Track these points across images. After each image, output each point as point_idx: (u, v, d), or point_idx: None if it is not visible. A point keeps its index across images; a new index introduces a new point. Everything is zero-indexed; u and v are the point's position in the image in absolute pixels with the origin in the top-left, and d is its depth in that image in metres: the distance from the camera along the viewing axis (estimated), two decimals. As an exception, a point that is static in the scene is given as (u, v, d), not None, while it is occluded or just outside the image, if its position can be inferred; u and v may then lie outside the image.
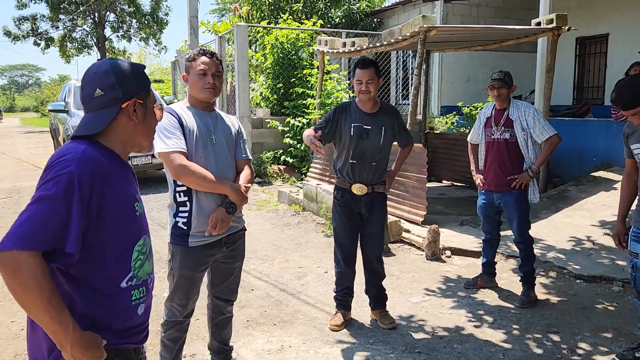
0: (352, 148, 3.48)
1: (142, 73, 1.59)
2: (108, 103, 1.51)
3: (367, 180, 3.52)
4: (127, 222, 1.51)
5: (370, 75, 3.40)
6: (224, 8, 27.53)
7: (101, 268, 1.46)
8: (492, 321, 3.78)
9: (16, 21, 31.25)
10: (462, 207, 7.08)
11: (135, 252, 1.54)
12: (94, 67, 1.55)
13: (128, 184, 1.56)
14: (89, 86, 1.52)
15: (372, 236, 3.66)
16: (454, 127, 10.35)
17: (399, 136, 3.64)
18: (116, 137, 1.55)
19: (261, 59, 10.87)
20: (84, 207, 1.37)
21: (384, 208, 3.72)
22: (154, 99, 1.63)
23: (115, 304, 1.49)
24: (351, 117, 3.50)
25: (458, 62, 11.70)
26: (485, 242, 4.42)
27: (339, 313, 3.73)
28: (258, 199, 8.16)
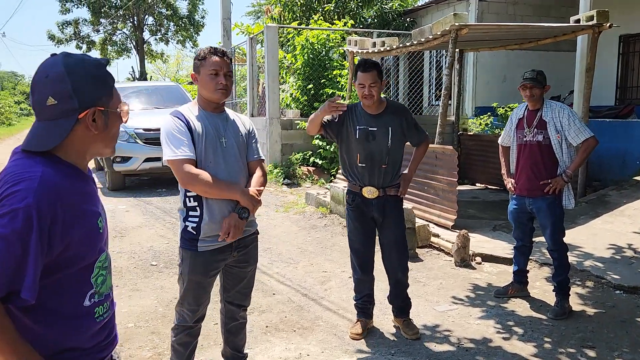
0: (359, 151, 3.36)
1: (103, 75, 1.38)
2: (62, 114, 1.30)
3: (378, 183, 3.39)
4: (91, 242, 1.37)
5: (373, 79, 3.25)
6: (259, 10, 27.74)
7: (62, 291, 1.34)
8: (522, 333, 3.59)
9: (60, 25, 32.29)
10: (496, 212, 6.84)
11: (96, 269, 1.41)
12: (46, 69, 1.32)
13: (90, 200, 1.41)
14: (42, 92, 1.31)
15: (390, 243, 3.50)
16: (488, 128, 10.07)
17: (410, 135, 3.47)
18: (74, 149, 1.36)
19: (291, 59, 10.83)
20: (43, 245, 1.23)
21: (399, 212, 3.54)
22: (118, 101, 1.43)
23: (81, 324, 1.39)
24: (357, 119, 3.38)
25: (494, 62, 11.38)
26: (517, 249, 4.21)
27: (360, 321, 3.60)
28: (286, 201, 8.10)
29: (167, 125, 2.48)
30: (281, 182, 9.38)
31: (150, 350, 3.39)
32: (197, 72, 2.51)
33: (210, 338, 3.49)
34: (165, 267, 5.01)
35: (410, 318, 3.63)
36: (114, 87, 1.42)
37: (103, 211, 1.49)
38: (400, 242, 3.51)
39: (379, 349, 3.39)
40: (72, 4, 30.93)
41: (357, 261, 3.57)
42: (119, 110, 1.44)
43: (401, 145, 3.43)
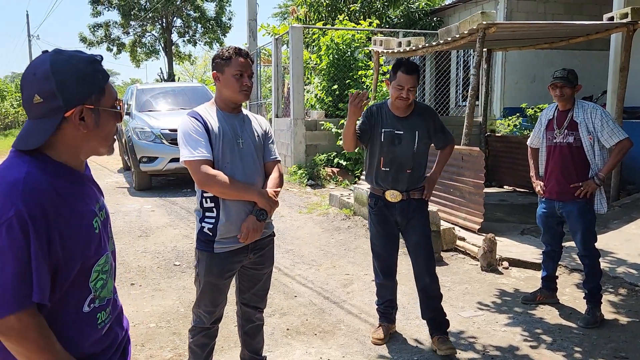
0: (382, 155, 3.25)
1: (94, 72, 1.32)
2: (48, 113, 1.27)
3: (402, 187, 3.28)
4: (87, 245, 1.33)
5: (413, 83, 3.14)
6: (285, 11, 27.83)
7: (61, 297, 1.30)
8: (551, 342, 3.46)
9: (91, 28, 32.99)
10: (524, 215, 6.66)
11: (95, 273, 1.37)
12: (34, 67, 1.29)
13: (84, 200, 1.36)
14: (28, 90, 1.28)
15: (415, 247, 3.36)
16: (517, 129, 9.85)
17: (436, 138, 3.37)
18: (65, 148, 1.32)
19: (316, 60, 10.80)
20: (43, 246, 1.21)
21: (423, 215, 3.40)
22: (112, 98, 1.38)
23: (83, 331, 1.35)
24: (382, 121, 3.26)
25: (523, 61, 11.13)
26: (546, 254, 4.08)
27: (382, 326, 3.52)
28: (309, 202, 8.06)
29: (184, 125, 2.46)
30: (305, 183, 9.35)
31: (171, 351, 3.39)
32: (221, 72, 2.48)
33: (231, 340, 3.46)
34: (188, 267, 5.02)
35: (447, 336, 3.35)
36: (106, 85, 1.36)
37: (103, 212, 1.44)
38: (425, 246, 3.37)
39: (402, 355, 3.31)
40: (103, 7, 31.57)
41: (379, 266, 3.49)
42: (114, 108, 1.39)
43: (427, 148, 3.34)
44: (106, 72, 1.38)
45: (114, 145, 1.49)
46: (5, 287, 1.17)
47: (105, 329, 1.42)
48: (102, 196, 1.49)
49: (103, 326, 1.41)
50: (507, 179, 8.65)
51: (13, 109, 25.02)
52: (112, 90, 1.39)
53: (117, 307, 1.52)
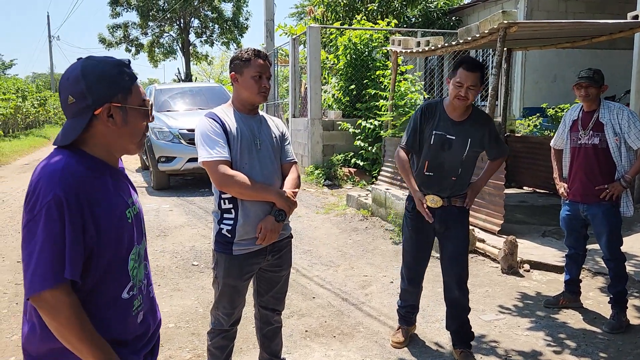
0: (429, 159, 3.06)
1: (119, 74, 1.45)
2: (80, 111, 1.42)
3: (444, 193, 3.09)
4: (121, 232, 1.45)
5: (474, 81, 2.90)
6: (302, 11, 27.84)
7: (103, 283, 1.42)
8: (575, 347, 3.39)
9: (110, 29, 33.36)
10: (545, 217, 6.56)
11: (131, 261, 1.49)
12: (68, 72, 1.44)
13: (117, 192, 1.48)
14: (64, 93, 1.44)
15: (449, 257, 3.19)
16: (537, 129, 9.71)
17: (489, 148, 3.14)
18: (97, 144, 1.46)
19: (334, 60, 10.77)
20: (77, 228, 1.32)
21: (463, 224, 3.19)
22: (140, 98, 1.49)
23: (121, 317, 1.46)
24: (434, 122, 3.05)
25: (543, 61, 10.97)
26: (569, 257, 4.00)
27: (402, 329, 3.46)
28: (326, 202, 8.04)
29: (202, 126, 2.45)
30: (322, 183, 9.33)
31: (190, 351, 3.39)
32: (239, 73, 2.47)
33: (249, 341, 3.45)
34: (206, 267, 5.03)
35: (470, 351, 3.23)
36: (133, 85, 1.48)
37: (136, 207, 1.56)
38: (460, 258, 3.19)
39: (422, 359, 3.27)
40: (122, 8, 31.91)
41: (406, 273, 3.37)
42: (142, 107, 1.49)
43: (476, 156, 3.14)
44: (133, 74, 1.50)
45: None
46: (44, 264, 1.29)
47: (139, 317, 1.53)
48: (135, 193, 1.60)
49: (137, 312, 1.52)
50: (527, 180, 8.53)
51: (34, 109, 25.36)
52: (139, 91, 1.50)
53: (151, 297, 1.62)
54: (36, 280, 1.28)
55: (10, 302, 4.23)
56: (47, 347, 1.38)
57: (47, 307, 1.30)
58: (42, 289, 1.28)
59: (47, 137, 23.86)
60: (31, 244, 1.31)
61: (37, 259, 1.29)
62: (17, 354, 3.36)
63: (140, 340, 1.53)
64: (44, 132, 26.57)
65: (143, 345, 1.55)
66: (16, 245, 5.82)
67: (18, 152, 16.19)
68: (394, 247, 5.62)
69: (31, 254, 1.30)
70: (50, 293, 1.29)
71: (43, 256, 1.29)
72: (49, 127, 31.53)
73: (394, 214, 6.26)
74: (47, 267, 1.28)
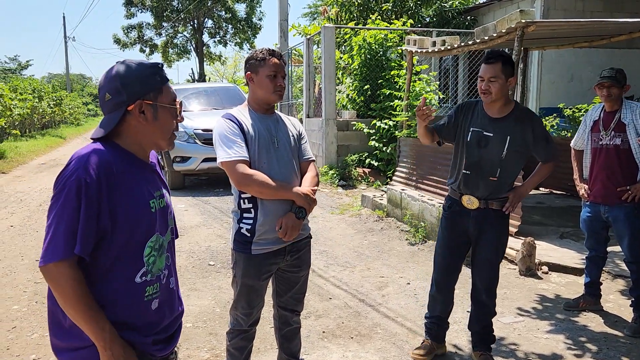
0: (466, 156, 2.97)
1: (151, 74, 1.58)
2: (115, 107, 1.54)
3: (482, 194, 2.97)
4: (139, 219, 1.53)
5: (494, 72, 2.80)
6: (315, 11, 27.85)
7: (117, 265, 1.51)
8: (596, 351, 3.35)
9: (125, 30, 33.65)
10: (563, 218, 6.49)
11: (148, 248, 1.57)
12: (107, 72, 1.58)
13: (143, 183, 1.58)
14: (102, 90, 1.57)
15: (482, 261, 3.07)
16: (554, 130, 9.60)
17: (537, 149, 2.97)
18: (130, 138, 1.58)
19: (348, 60, 10.75)
20: (91, 210, 1.43)
21: (500, 229, 3.05)
22: (170, 97, 1.61)
23: (131, 300, 1.53)
24: (473, 119, 2.97)
25: (560, 60, 10.85)
26: (589, 259, 3.95)
27: (425, 342, 3.26)
28: (341, 203, 8.03)
29: (219, 127, 2.46)
30: (336, 183, 9.32)
31: (208, 351, 3.40)
32: (255, 73, 2.48)
33: (267, 342, 3.45)
34: (223, 267, 5.04)
35: (490, 354, 3.16)
36: (164, 85, 1.60)
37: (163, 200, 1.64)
38: (494, 265, 3.09)
39: (441, 361, 3.25)
40: (137, 9, 32.17)
41: (435, 275, 3.23)
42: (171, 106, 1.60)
43: (520, 157, 2.96)
44: (165, 76, 1.62)
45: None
46: (58, 238, 1.41)
47: (153, 304, 1.58)
48: (165, 189, 1.69)
49: (150, 299, 1.58)
50: (545, 181, 8.40)
51: (50, 109, 25.65)
52: (169, 91, 1.62)
53: (170, 289, 1.67)
54: (48, 252, 1.41)
55: (29, 300, 4.27)
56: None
57: (51, 276, 1.42)
58: (50, 261, 1.41)
59: (62, 137, 24.13)
60: (50, 218, 1.44)
61: (52, 233, 1.42)
62: (37, 352, 3.40)
63: (152, 327, 1.58)
64: (60, 132, 26.86)
65: (155, 334, 1.59)
66: (34, 245, 5.88)
67: (35, 152, 16.38)
68: (410, 248, 5.59)
69: (49, 227, 1.44)
70: (56, 264, 1.41)
71: (57, 231, 1.42)
72: (65, 127, 31.86)
73: (410, 214, 6.23)
74: (59, 241, 1.41)
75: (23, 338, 3.61)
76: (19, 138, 18.60)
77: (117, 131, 1.55)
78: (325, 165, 9.95)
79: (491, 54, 2.87)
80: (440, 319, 3.26)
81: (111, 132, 1.54)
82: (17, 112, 16.79)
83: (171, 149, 1.67)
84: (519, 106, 3.01)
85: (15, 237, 6.27)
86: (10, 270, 5.03)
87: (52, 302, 1.51)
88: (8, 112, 14.79)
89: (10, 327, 3.79)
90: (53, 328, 1.54)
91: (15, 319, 3.93)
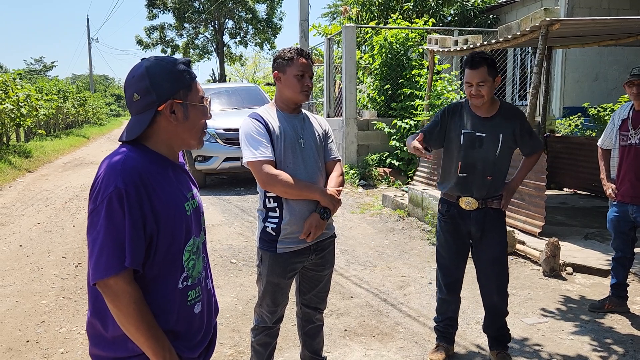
0: (460, 159, 2.97)
1: (180, 71, 1.49)
2: (145, 107, 1.47)
3: (479, 194, 2.99)
4: (178, 224, 1.49)
5: (482, 77, 2.83)
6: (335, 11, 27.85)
7: (160, 273, 1.47)
8: (622, 353, 3.29)
9: (147, 31, 34.10)
10: (587, 219, 6.39)
11: (186, 253, 1.52)
12: (133, 70, 1.50)
13: (177, 185, 1.53)
14: (129, 90, 1.50)
15: (488, 262, 3.07)
16: (578, 129, 9.46)
17: (522, 143, 3.02)
18: (159, 140, 1.51)
19: (369, 60, 10.73)
20: (135, 219, 1.37)
21: (501, 227, 3.09)
22: (199, 95, 1.54)
23: (176, 307, 1.49)
24: (462, 121, 2.97)
25: (585, 59, 10.69)
26: (616, 260, 3.89)
27: (440, 347, 3.23)
28: (362, 202, 8.02)
29: (245, 127, 2.48)
30: (357, 183, 9.31)
31: (231, 347, 3.43)
32: (282, 72, 2.48)
33: (289, 339, 3.47)
34: (245, 265, 5.09)
35: (507, 352, 3.17)
36: (193, 83, 1.52)
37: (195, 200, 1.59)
38: (499, 262, 3.08)
39: (463, 361, 3.23)
40: (159, 10, 32.58)
41: (443, 279, 3.20)
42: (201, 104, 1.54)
43: (510, 153, 3.02)
44: (192, 72, 1.54)
45: None
46: (106, 253, 1.35)
47: (195, 308, 1.55)
48: (195, 187, 1.65)
49: (193, 304, 1.54)
50: (568, 181, 8.33)
51: (74, 109, 26.11)
52: (198, 88, 1.55)
53: (208, 290, 1.65)
54: (99, 268, 1.35)
55: (57, 296, 4.36)
56: (117, 332, 1.44)
57: (108, 293, 1.36)
58: (104, 276, 1.35)
59: (86, 136, 24.55)
60: (94, 233, 1.38)
61: (99, 248, 1.36)
62: (65, 346, 3.47)
63: (196, 334, 1.55)
64: (84, 131, 27.33)
65: (199, 342, 1.57)
66: (61, 241, 6.01)
67: (59, 151, 16.70)
68: (432, 248, 5.57)
69: (94, 242, 1.37)
70: (113, 280, 1.35)
71: (104, 245, 1.36)
72: (88, 127, 32.41)
73: (432, 214, 6.20)
74: (108, 256, 1.35)
75: (51, 332, 3.69)
76: (44, 137, 18.99)
77: (145, 134, 1.48)
78: (345, 164, 9.95)
79: (473, 59, 2.87)
80: (452, 320, 3.26)
81: (140, 135, 1.48)
82: (43, 113, 17.12)
83: (201, 147, 1.63)
84: (504, 104, 3.04)
85: (42, 234, 6.40)
86: (38, 267, 5.14)
87: (93, 313, 1.48)
88: (34, 113, 15.10)
89: (39, 321, 3.88)
90: (94, 339, 1.49)
91: (44, 313, 4.02)
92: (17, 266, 5.17)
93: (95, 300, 1.45)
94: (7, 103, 12.29)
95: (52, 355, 3.38)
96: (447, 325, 3.25)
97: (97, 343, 1.48)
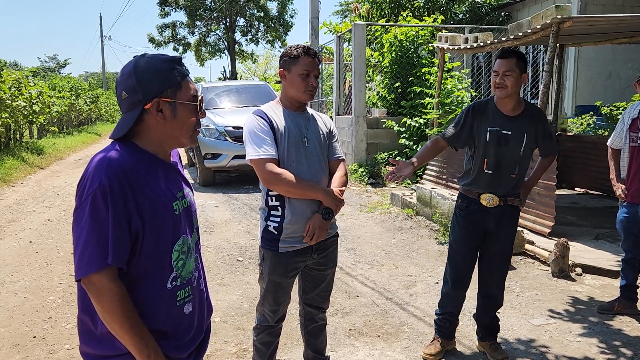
0: (487, 156, 2.97)
1: (169, 69, 1.47)
2: (132, 105, 1.46)
3: (502, 192, 3.03)
4: (165, 222, 1.47)
5: (509, 66, 2.85)
6: (346, 9, 27.81)
7: (147, 271, 1.45)
8: (631, 356, 3.24)
9: (159, 29, 34.25)
10: (598, 219, 6.31)
11: (175, 252, 1.50)
12: (123, 69, 1.50)
13: (165, 184, 1.51)
14: (118, 88, 1.50)
15: (496, 255, 3.13)
16: (590, 129, 9.35)
17: (542, 144, 3.07)
18: (150, 137, 1.50)
19: (379, 57, 10.69)
20: (118, 215, 1.37)
21: (515, 224, 3.16)
22: (190, 94, 1.51)
23: (164, 307, 1.48)
24: (487, 119, 2.98)
25: (598, 57, 10.56)
26: (626, 262, 3.83)
27: (436, 340, 3.26)
28: (370, 201, 7.99)
29: (249, 124, 2.47)
30: (366, 181, 9.29)
31: (235, 345, 3.43)
32: (288, 70, 2.46)
33: (293, 338, 3.47)
34: (251, 263, 5.09)
35: (498, 342, 3.25)
36: (183, 81, 1.50)
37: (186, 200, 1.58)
38: (505, 255, 3.18)
39: (469, 359, 3.20)
40: (171, 8, 32.69)
41: (451, 274, 3.22)
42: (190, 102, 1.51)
43: (531, 153, 3.06)
44: (184, 70, 1.52)
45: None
46: (90, 249, 1.35)
47: (185, 308, 1.54)
48: (188, 187, 1.63)
49: (182, 304, 1.53)
50: (579, 181, 8.23)
51: (87, 107, 26.33)
52: (189, 87, 1.52)
53: (201, 291, 1.63)
54: (82, 264, 1.35)
55: (64, 292, 4.40)
56: (105, 329, 1.43)
57: (92, 289, 1.36)
58: (86, 273, 1.35)
59: (98, 133, 24.73)
60: (78, 229, 1.38)
61: (83, 244, 1.36)
62: (71, 341, 3.50)
63: (185, 334, 1.54)
64: (96, 129, 27.54)
65: (189, 342, 1.56)
66: (70, 238, 6.03)
67: (72, 148, 16.84)
68: (440, 247, 5.53)
69: (78, 239, 1.37)
70: (96, 277, 1.35)
71: (88, 241, 1.35)
72: (101, 124, 32.65)
73: (440, 213, 6.16)
74: (91, 252, 1.35)
75: (58, 328, 3.72)
76: (57, 134, 19.16)
77: (135, 131, 1.48)
78: (354, 163, 9.92)
79: (505, 50, 2.94)
80: (452, 315, 3.28)
81: (129, 132, 1.47)
82: (56, 110, 17.28)
83: (194, 145, 1.61)
84: (529, 105, 3.07)
85: (52, 230, 6.46)
86: (47, 263, 5.19)
87: (82, 310, 1.48)
88: (47, 110, 15.24)
89: (46, 317, 3.91)
90: (83, 336, 1.49)
91: (51, 309, 4.05)
92: (26, 262, 5.22)
93: (84, 297, 1.44)
94: (20, 100, 12.41)
95: (57, 351, 3.40)
96: (446, 319, 3.27)
97: (87, 340, 1.48)
